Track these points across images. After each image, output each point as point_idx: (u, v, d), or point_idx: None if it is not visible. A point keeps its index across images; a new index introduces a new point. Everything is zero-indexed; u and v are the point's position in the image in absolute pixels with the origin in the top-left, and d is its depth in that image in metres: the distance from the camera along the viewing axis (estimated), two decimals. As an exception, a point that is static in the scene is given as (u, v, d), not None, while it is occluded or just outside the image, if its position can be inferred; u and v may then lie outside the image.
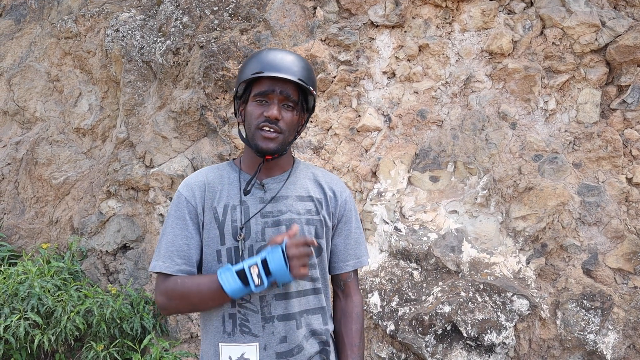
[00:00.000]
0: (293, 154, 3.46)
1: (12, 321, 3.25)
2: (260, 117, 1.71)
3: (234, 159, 1.93)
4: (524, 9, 3.40)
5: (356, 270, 1.93)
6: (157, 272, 1.74)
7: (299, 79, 1.71)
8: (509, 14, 3.43)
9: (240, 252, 1.72)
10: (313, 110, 1.87)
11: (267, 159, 1.77)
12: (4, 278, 3.48)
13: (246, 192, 1.76)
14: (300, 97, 1.76)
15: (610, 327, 3.21)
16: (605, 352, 3.18)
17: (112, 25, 3.93)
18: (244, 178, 1.82)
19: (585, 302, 3.22)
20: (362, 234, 1.96)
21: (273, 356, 1.71)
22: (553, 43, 3.35)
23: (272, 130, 1.71)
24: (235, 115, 1.86)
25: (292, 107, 1.74)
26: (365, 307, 3.30)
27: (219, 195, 1.79)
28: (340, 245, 1.89)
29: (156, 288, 1.77)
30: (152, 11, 3.91)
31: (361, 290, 3.32)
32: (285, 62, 1.72)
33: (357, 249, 1.92)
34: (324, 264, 1.85)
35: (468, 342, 3.17)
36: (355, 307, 1.88)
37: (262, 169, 1.81)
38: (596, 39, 3.28)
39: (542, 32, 3.38)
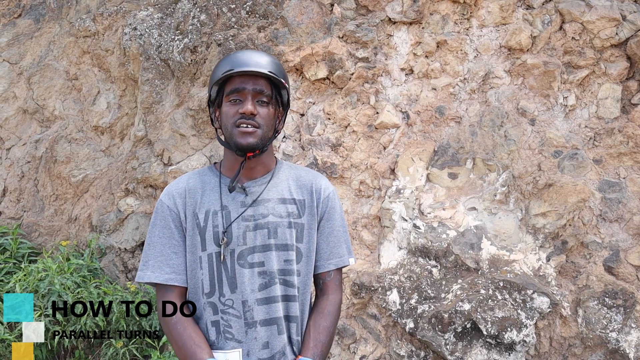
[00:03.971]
0: (308, 153, 3.48)
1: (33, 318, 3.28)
2: (236, 115, 1.71)
3: (215, 163, 1.92)
4: (543, 4, 3.37)
5: (340, 269, 1.89)
6: (146, 283, 1.78)
7: (269, 72, 1.71)
8: (527, 9, 3.40)
9: (222, 257, 1.72)
10: (289, 105, 1.87)
11: (249, 156, 1.76)
12: (25, 275, 3.51)
13: (231, 190, 1.76)
14: (274, 91, 1.77)
15: (632, 325, 3.17)
16: (628, 351, 3.14)
17: (130, 24, 3.95)
18: (224, 182, 1.82)
19: (607, 299, 3.18)
20: (345, 232, 1.91)
21: None
22: (572, 38, 3.31)
23: (249, 125, 1.70)
24: (212, 123, 1.86)
25: (266, 103, 1.74)
26: (384, 305, 3.29)
27: (200, 201, 1.79)
28: (322, 244, 1.86)
29: (157, 298, 1.80)
30: (169, 9, 3.92)
31: (380, 288, 3.31)
32: (253, 59, 1.73)
33: (338, 247, 1.88)
34: (306, 270, 1.82)
35: (488, 340, 3.15)
36: (329, 304, 1.84)
37: (244, 169, 1.80)
38: (617, 33, 3.25)
39: (561, 27, 3.35)
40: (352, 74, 3.48)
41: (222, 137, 1.81)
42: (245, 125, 1.70)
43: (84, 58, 4.24)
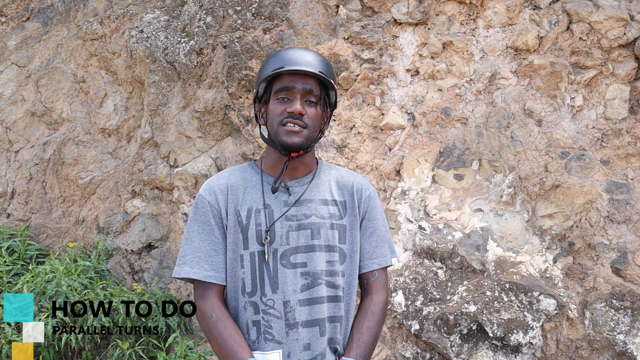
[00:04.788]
0: (317, 155, 3.48)
1: (40, 319, 3.30)
2: (283, 113, 1.69)
3: (254, 160, 1.90)
4: (550, 4, 3.35)
5: (384, 268, 1.87)
6: (182, 278, 1.76)
7: (320, 71, 1.70)
8: (534, 9, 3.38)
9: (266, 256, 1.70)
10: (335, 106, 1.85)
11: (293, 156, 1.74)
12: (32, 276, 3.53)
13: (274, 190, 1.74)
14: (322, 91, 1.75)
15: (640, 327, 3.14)
16: (635, 353, 3.11)
17: (137, 27, 3.97)
18: (266, 180, 1.80)
19: (614, 301, 3.16)
20: (387, 232, 1.90)
21: None
22: (580, 38, 3.29)
23: (296, 124, 1.68)
24: (256, 119, 1.85)
25: (314, 103, 1.72)
26: (389, 307, 3.28)
27: (242, 198, 1.77)
28: (364, 244, 1.84)
29: (195, 295, 1.78)
30: (175, 12, 3.94)
31: (385, 289, 3.30)
32: (304, 58, 1.71)
33: (381, 247, 1.86)
34: (350, 270, 1.80)
35: (494, 342, 3.13)
36: (372, 304, 1.81)
37: (287, 169, 1.77)
38: (624, 34, 3.22)
39: (568, 27, 3.33)
40: (358, 75, 3.48)
41: (266, 133, 1.78)
42: (292, 125, 1.68)
43: (91, 61, 4.27)
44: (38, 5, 4.48)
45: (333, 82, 1.74)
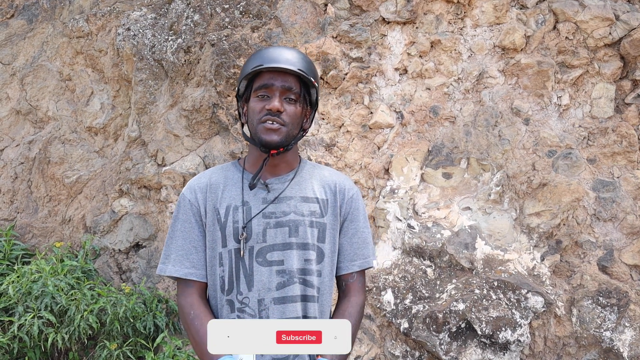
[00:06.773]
0: (302, 153, 3.47)
1: (26, 320, 3.26)
2: (262, 111, 1.69)
3: (238, 159, 1.90)
4: (537, 4, 3.38)
5: (363, 271, 1.86)
6: (166, 276, 1.76)
7: (299, 69, 1.69)
8: (521, 8, 3.40)
9: (242, 253, 1.70)
10: (317, 104, 1.84)
11: (272, 153, 1.74)
12: (18, 277, 3.49)
13: (252, 187, 1.73)
14: (302, 89, 1.74)
15: (626, 324, 3.17)
16: (622, 350, 3.15)
17: (124, 24, 3.94)
18: (246, 178, 1.79)
19: (601, 299, 3.19)
20: (369, 234, 1.89)
21: None
22: (566, 37, 3.32)
23: (274, 122, 1.68)
24: (239, 117, 1.84)
25: (294, 100, 1.72)
26: (378, 305, 3.29)
27: (222, 196, 1.77)
28: (345, 245, 1.83)
29: (177, 293, 1.78)
30: (163, 9, 3.91)
31: (374, 289, 3.31)
32: (284, 56, 1.71)
33: (363, 248, 1.85)
34: (327, 270, 1.79)
35: (482, 339, 3.15)
36: (350, 307, 1.79)
37: (267, 166, 1.77)
38: (610, 33, 3.25)
39: (555, 27, 3.36)
40: (346, 74, 3.47)
41: (248, 132, 1.78)
42: (270, 122, 1.68)
43: (77, 59, 4.23)
44: (23, 2, 4.42)
45: (313, 80, 1.74)
